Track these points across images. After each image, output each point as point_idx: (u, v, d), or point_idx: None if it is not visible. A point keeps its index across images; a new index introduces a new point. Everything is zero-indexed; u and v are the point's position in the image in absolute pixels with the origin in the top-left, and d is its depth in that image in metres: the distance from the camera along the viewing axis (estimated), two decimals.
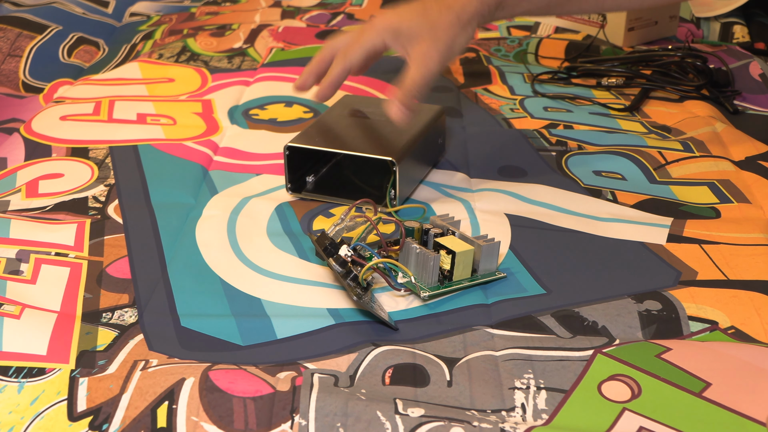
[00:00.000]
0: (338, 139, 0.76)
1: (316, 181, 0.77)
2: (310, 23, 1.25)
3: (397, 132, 0.76)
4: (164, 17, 1.30)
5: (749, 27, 1.17)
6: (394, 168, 0.71)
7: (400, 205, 0.73)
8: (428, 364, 0.54)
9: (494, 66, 1.06)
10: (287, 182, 0.75)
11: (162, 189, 0.76)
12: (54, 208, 0.73)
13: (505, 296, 0.61)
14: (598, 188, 0.76)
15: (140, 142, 0.85)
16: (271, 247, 0.68)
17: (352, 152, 0.73)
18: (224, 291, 0.62)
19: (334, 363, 0.54)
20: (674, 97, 0.97)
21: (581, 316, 0.59)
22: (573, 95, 0.97)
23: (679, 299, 0.60)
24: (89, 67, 1.11)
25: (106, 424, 0.48)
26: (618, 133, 0.87)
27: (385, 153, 0.72)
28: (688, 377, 0.52)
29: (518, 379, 0.52)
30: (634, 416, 0.49)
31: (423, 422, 0.48)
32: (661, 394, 0.51)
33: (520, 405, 0.50)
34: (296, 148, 0.74)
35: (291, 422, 0.48)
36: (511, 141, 0.86)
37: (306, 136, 0.76)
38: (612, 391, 0.51)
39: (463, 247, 0.61)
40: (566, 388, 0.51)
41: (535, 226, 0.70)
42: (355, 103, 0.84)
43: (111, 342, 0.56)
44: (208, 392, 0.50)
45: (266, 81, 1.02)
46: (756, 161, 0.81)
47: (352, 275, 0.60)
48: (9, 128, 0.91)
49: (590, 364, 0.53)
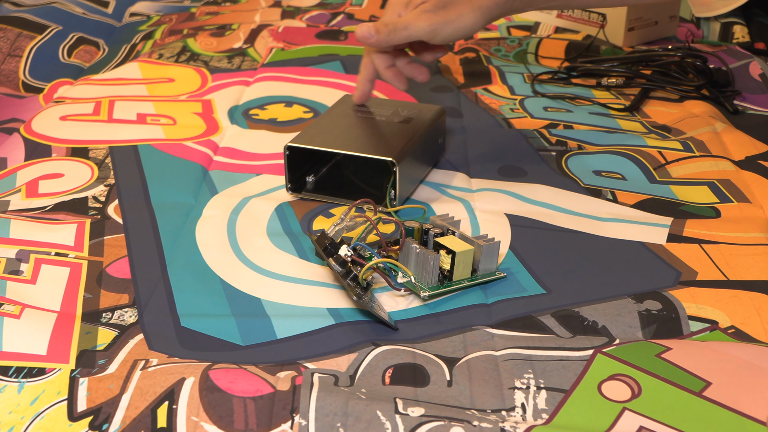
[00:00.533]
0: (338, 139, 0.75)
1: (316, 181, 0.77)
2: (310, 23, 1.25)
3: (398, 132, 0.76)
4: (164, 17, 1.30)
5: (749, 27, 1.17)
6: (394, 168, 0.71)
7: (400, 205, 0.73)
8: (428, 363, 0.54)
9: (494, 66, 1.07)
10: (287, 182, 0.75)
11: (162, 189, 0.76)
12: (54, 208, 0.73)
13: (505, 296, 0.61)
14: (598, 188, 0.76)
15: (140, 142, 0.85)
16: (271, 247, 0.68)
17: (352, 152, 0.73)
18: (224, 291, 0.62)
19: (334, 363, 0.54)
20: (674, 97, 0.97)
21: (581, 316, 0.59)
22: (573, 95, 0.97)
23: (679, 299, 0.60)
24: (89, 67, 1.11)
25: (106, 424, 0.48)
26: (618, 133, 0.87)
27: (385, 153, 0.71)
28: (688, 377, 0.52)
29: (518, 379, 0.52)
30: (634, 416, 0.49)
31: (423, 422, 0.48)
32: (661, 394, 0.51)
33: (520, 405, 0.50)
34: (296, 148, 0.74)
35: (291, 422, 0.48)
36: (511, 141, 0.86)
37: (306, 136, 0.75)
38: (612, 390, 0.51)
39: (463, 247, 0.61)
40: (566, 388, 0.51)
41: (535, 226, 0.70)
42: (355, 103, 0.84)
43: (111, 341, 0.56)
44: (208, 392, 0.50)
45: (266, 81, 1.02)
46: (756, 161, 0.81)
47: (352, 275, 0.60)
48: (9, 128, 0.91)
49: (590, 364, 0.53)
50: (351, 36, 1.19)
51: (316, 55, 1.11)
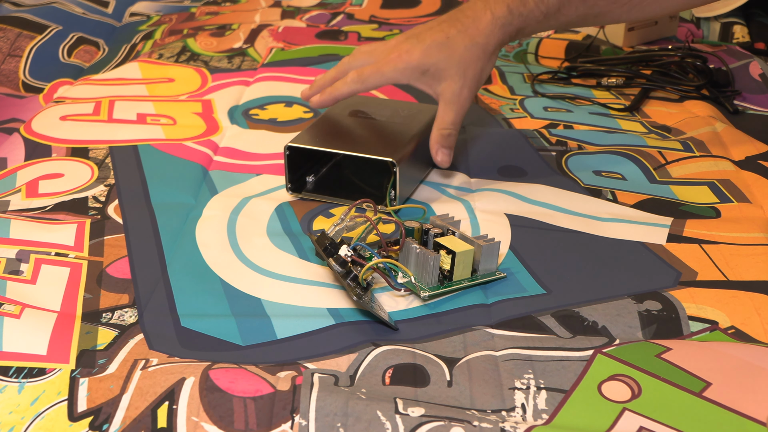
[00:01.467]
0: (338, 139, 0.75)
1: (316, 181, 0.77)
2: (310, 23, 1.25)
3: (398, 132, 0.76)
4: (164, 17, 1.30)
5: (749, 27, 1.17)
6: (395, 169, 0.71)
7: (400, 205, 0.73)
8: (428, 364, 0.54)
9: (494, 66, 1.06)
10: (287, 182, 0.75)
11: (162, 189, 0.76)
12: (54, 208, 0.73)
13: (505, 296, 0.61)
14: (598, 188, 0.76)
15: (140, 142, 0.85)
16: (271, 247, 0.68)
17: (352, 153, 0.73)
18: (224, 291, 0.62)
19: (334, 363, 0.54)
20: (674, 97, 0.97)
21: (581, 316, 0.59)
22: (573, 95, 0.97)
23: (679, 299, 0.60)
24: (89, 67, 1.11)
25: (107, 424, 0.48)
26: (618, 133, 0.87)
27: (385, 153, 0.71)
28: (688, 377, 0.52)
29: (518, 379, 0.52)
30: (634, 416, 0.49)
31: (423, 422, 0.48)
32: (661, 394, 0.51)
33: (520, 405, 0.50)
34: (296, 148, 0.74)
35: (291, 422, 0.48)
36: (511, 141, 0.86)
37: (306, 136, 0.75)
38: (612, 391, 0.51)
39: (463, 247, 0.61)
40: (566, 388, 0.51)
41: (535, 226, 0.70)
42: (355, 103, 0.84)
43: (111, 341, 0.56)
44: (208, 392, 0.50)
45: (266, 81, 1.02)
46: (756, 161, 0.81)
47: (352, 275, 0.60)
48: (9, 128, 0.91)
49: (590, 364, 0.53)
50: (351, 36, 1.19)
51: (316, 55, 1.11)
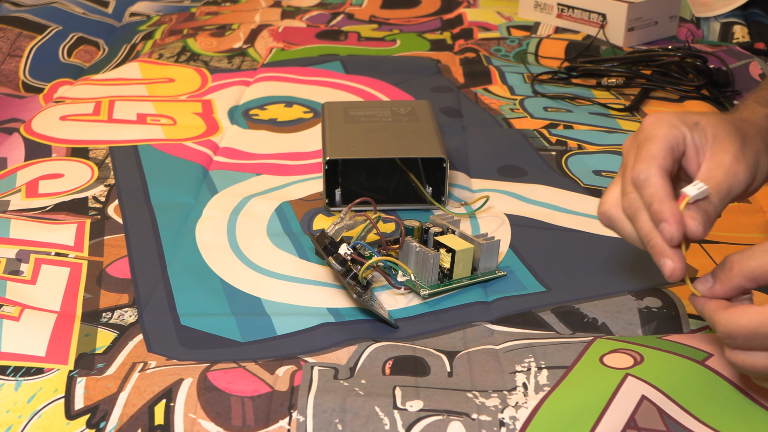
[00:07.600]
0: (370, 145, 0.73)
1: (342, 192, 0.74)
2: (310, 23, 1.25)
3: (417, 129, 0.75)
4: (164, 17, 1.30)
5: (749, 27, 1.17)
6: (445, 164, 0.70)
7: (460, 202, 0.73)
8: (428, 356, 0.54)
9: (494, 66, 1.06)
10: (325, 197, 0.72)
11: (162, 189, 0.76)
12: (54, 208, 0.73)
13: (505, 294, 0.61)
14: (598, 188, 0.76)
15: (140, 142, 0.85)
16: (271, 246, 0.68)
17: (399, 156, 0.72)
18: (224, 290, 0.62)
19: (334, 356, 0.54)
20: (674, 97, 0.97)
21: (581, 313, 0.59)
22: (573, 95, 0.97)
23: (679, 296, 0.60)
24: (89, 67, 1.11)
25: (104, 421, 0.48)
26: (618, 133, 0.87)
27: (430, 151, 0.71)
28: (690, 349, 0.52)
29: (519, 364, 0.52)
30: (636, 381, 0.49)
31: (422, 416, 0.48)
32: (663, 362, 0.50)
33: (522, 384, 0.50)
34: (335, 161, 0.71)
35: (289, 419, 0.48)
36: (511, 141, 0.86)
37: (336, 148, 0.72)
38: (614, 360, 0.51)
39: (463, 246, 0.61)
40: (567, 365, 0.52)
41: (535, 225, 0.70)
42: (340, 109, 0.81)
43: (110, 344, 0.56)
44: (206, 391, 0.50)
45: (266, 81, 1.02)
46: None
47: (351, 274, 0.59)
48: (9, 128, 0.91)
49: (590, 345, 0.54)
50: (351, 36, 1.19)
51: (316, 55, 1.11)
